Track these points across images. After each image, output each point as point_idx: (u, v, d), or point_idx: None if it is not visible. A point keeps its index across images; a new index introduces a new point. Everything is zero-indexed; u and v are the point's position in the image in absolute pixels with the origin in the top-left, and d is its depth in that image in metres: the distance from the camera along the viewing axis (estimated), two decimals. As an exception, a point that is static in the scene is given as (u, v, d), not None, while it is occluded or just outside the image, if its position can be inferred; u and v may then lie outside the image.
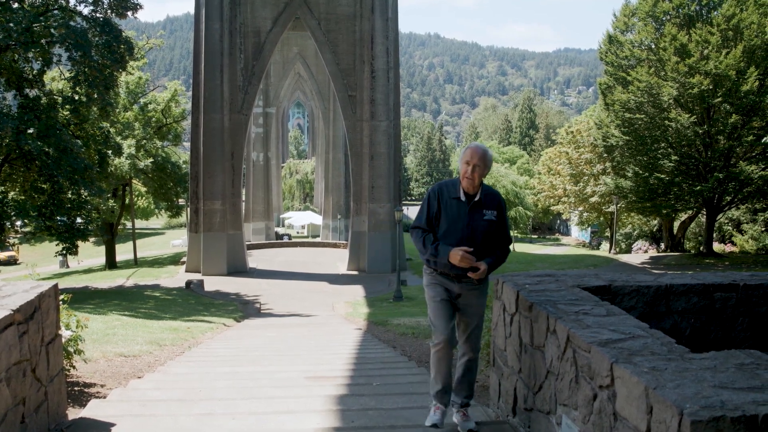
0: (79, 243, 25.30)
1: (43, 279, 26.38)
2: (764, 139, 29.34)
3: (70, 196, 24.08)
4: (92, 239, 35.69)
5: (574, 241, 72.89)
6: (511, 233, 6.54)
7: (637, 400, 2.89)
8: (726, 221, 45.58)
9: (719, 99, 30.90)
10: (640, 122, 33.29)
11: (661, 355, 3.23)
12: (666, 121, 32.22)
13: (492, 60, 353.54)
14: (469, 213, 5.13)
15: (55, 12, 25.17)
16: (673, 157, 33.18)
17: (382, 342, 12.72)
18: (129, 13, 26.10)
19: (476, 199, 5.17)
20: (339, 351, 10.75)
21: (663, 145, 33.54)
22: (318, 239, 59.33)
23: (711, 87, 30.88)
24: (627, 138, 34.16)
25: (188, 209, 42.63)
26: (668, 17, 33.27)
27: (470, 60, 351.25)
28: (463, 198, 5.16)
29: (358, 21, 37.71)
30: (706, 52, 31.07)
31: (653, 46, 33.42)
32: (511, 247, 5.51)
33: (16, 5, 24.17)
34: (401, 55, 63.44)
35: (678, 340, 4.00)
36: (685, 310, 5.35)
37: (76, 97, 24.56)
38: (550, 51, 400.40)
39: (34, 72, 25.13)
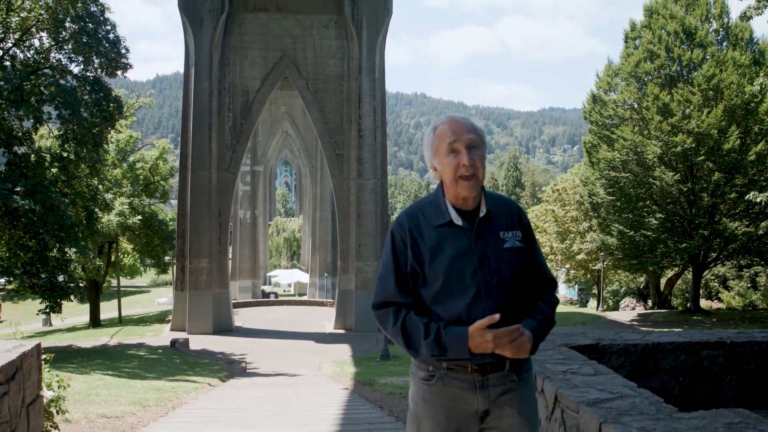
0: (63, 301, 25.03)
1: (26, 337, 26.00)
2: (747, 196, 29.63)
3: (54, 253, 23.91)
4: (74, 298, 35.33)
5: (562, 298, 72.61)
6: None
7: (627, 461, 2.86)
8: (712, 278, 45.75)
9: (702, 157, 31.34)
10: (625, 180, 33.67)
11: (650, 414, 3.21)
12: (650, 179, 32.59)
13: (478, 119, 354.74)
14: (476, 244, 2.80)
15: (46, 71, 25.41)
16: (658, 215, 33.46)
17: (369, 402, 12.54)
18: (119, 72, 26.39)
19: (481, 215, 2.86)
20: (325, 411, 10.58)
21: (648, 202, 33.88)
22: (305, 297, 58.89)
23: (694, 145, 31.34)
24: (612, 198, 34.49)
25: (174, 267, 42.40)
26: (650, 77, 33.92)
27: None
28: (458, 221, 2.83)
29: (345, 81, 38.17)
30: (688, 111, 31.63)
31: (636, 106, 33.99)
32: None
33: (7, 64, 24.43)
34: (388, 114, 64.28)
35: (666, 399, 3.98)
36: (673, 368, 5.34)
37: (65, 155, 24.61)
38: (534, 110, 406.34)
39: (24, 130, 25.22)
